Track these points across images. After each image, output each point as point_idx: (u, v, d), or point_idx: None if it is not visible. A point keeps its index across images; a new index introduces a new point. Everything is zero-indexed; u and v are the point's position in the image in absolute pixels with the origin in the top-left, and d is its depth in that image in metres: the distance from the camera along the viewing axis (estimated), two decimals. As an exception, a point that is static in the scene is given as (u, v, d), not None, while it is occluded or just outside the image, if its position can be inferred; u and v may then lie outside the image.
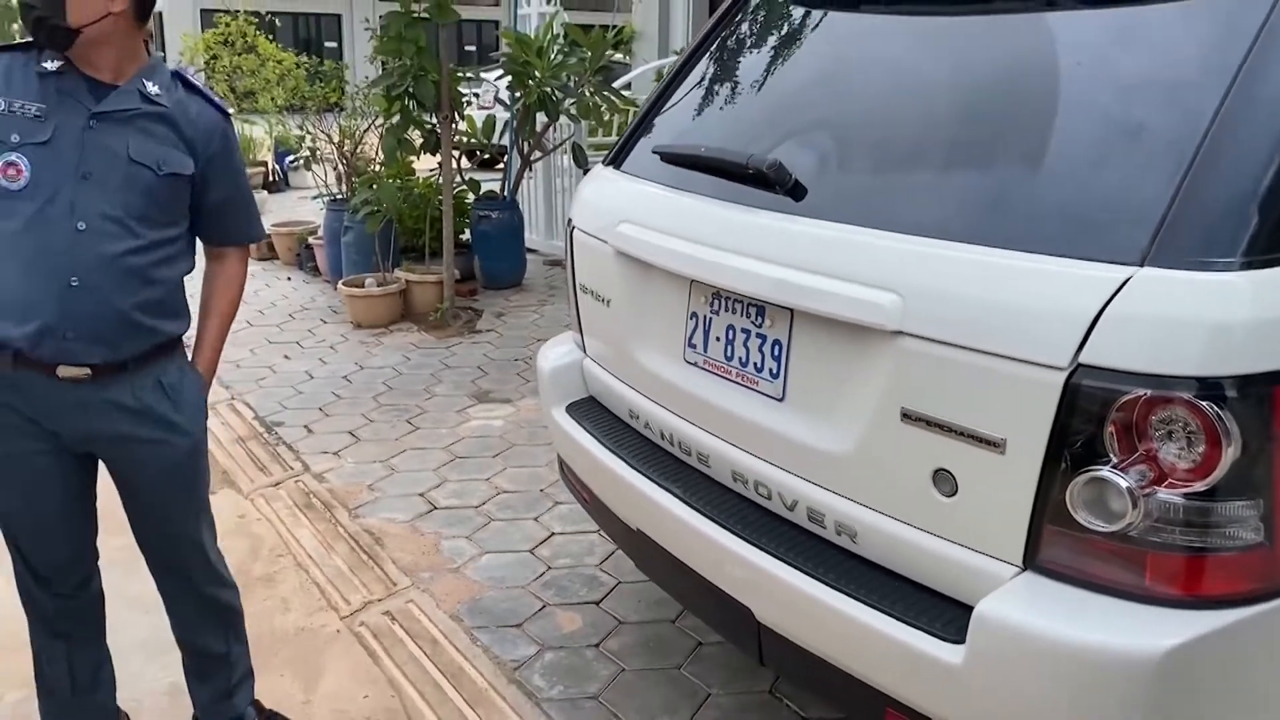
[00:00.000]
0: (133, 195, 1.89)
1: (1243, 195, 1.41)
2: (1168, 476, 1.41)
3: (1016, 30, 1.81)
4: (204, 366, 2.14)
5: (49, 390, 1.90)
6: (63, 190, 1.85)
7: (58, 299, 1.84)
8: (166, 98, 1.95)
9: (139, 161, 1.89)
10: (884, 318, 1.62)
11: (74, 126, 1.87)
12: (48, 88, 1.88)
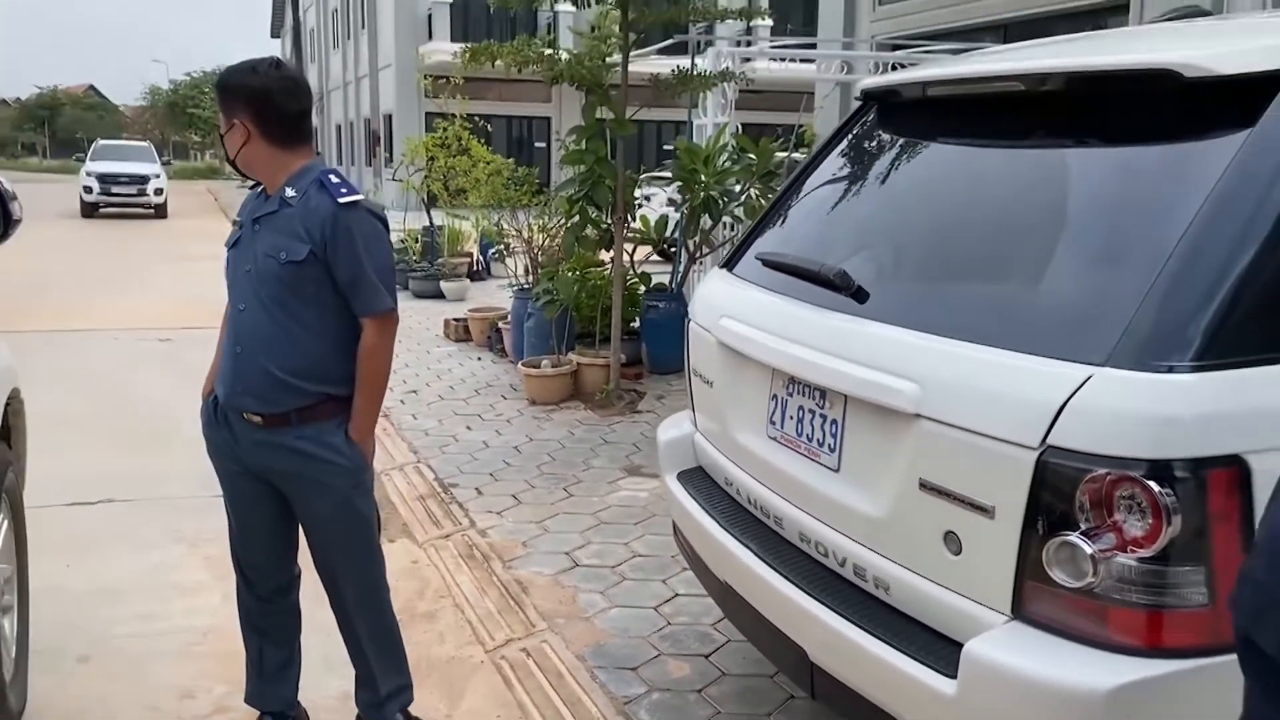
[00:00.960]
0: (268, 281, 2.43)
1: (1194, 311, 1.69)
2: (1126, 543, 1.68)
3: (1028, 163, 2.15)
4: (353, 429, 2.52)
5: (242, 428, 2.51)
6: (237, 281, 2.48)
7: (232, 363, 2.47)
8: (298, 198, 2.44)
9: (269, 255, 2.43)
10: (906, 402, 1.96)
11: (248, 231, 2.49)
12: (249, 203, 2.53)
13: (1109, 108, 2.05)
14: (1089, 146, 2.10)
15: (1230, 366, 1.66)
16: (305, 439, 2.49)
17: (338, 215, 2.42)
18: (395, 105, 28.67)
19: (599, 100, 6.04)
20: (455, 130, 12.08)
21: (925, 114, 2.59)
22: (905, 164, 2.58)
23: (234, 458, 2.57)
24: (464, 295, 10.95)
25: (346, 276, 2.45)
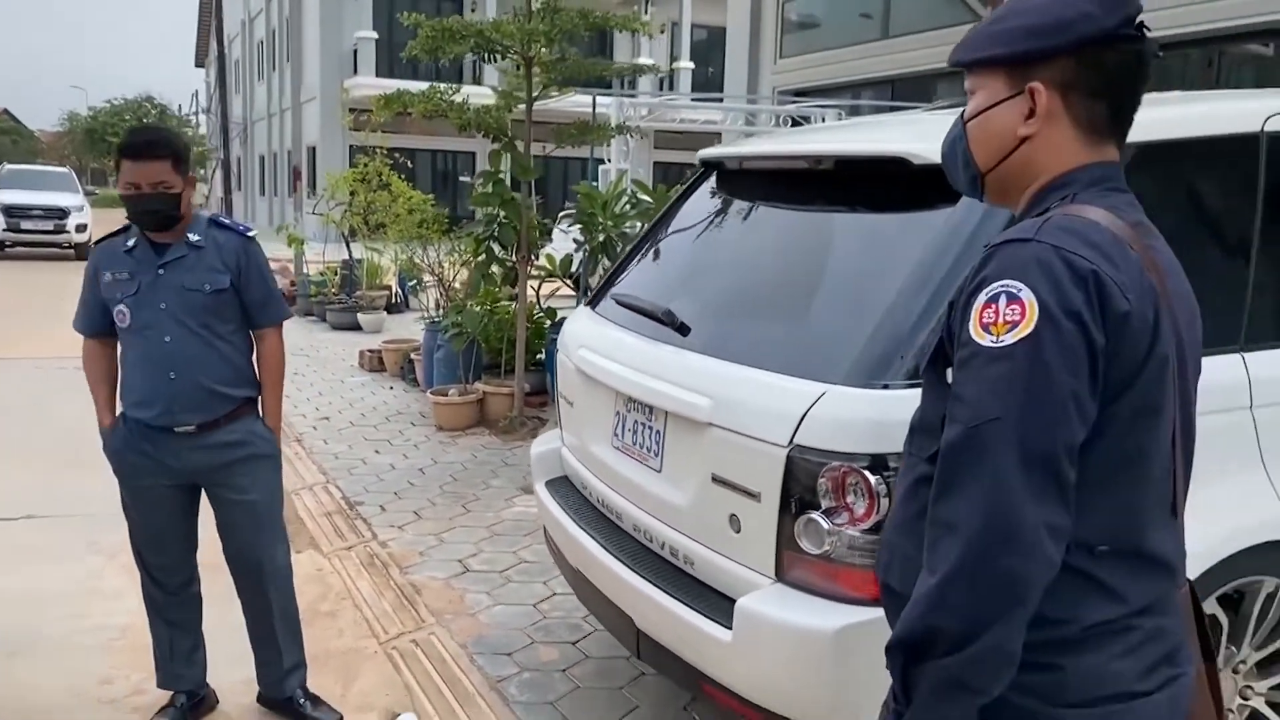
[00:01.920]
0: (195, 312, 2.90)
1: (903, 343, 2.23)
2: (854, 519, 2.21)
3: (805, 224, 2.71)
4: (269, 418, 3.10)
5: (172, 441, 2.95)
6: (153, 321, 2.89)
7: (167, 387, 2.89)
8: (203, 240, 2.94)
9: (191, 289, 2.90)
10: (702, 414, 2.48)
11: (149, 279, 2.89)
12: (124, 257, 2.93)
13: (862, 184, 2.61)
14: (848, 213, 2.67)
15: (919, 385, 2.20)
16: (235, 433, 2.99)
17: (246, 246, 2.99)
18: (319, 138, 28.90)
19: (504, 148, 6.55)
20: (376, 165, 12.45)
21: (744, 180, 3.14)
22: (726, 221, 3.13)
23: (157, 471, 2.99)
24: (381, 327, 11.32)
25: (259, 295, 3.00)
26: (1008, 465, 1.22)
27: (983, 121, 1.44)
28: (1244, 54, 7.17)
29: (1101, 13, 1.35)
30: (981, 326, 1.26)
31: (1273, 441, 2.45)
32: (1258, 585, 2.52)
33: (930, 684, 1.26)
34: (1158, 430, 1.33)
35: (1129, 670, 1.33)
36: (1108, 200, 1.37)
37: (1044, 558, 1.23)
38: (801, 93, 11.97)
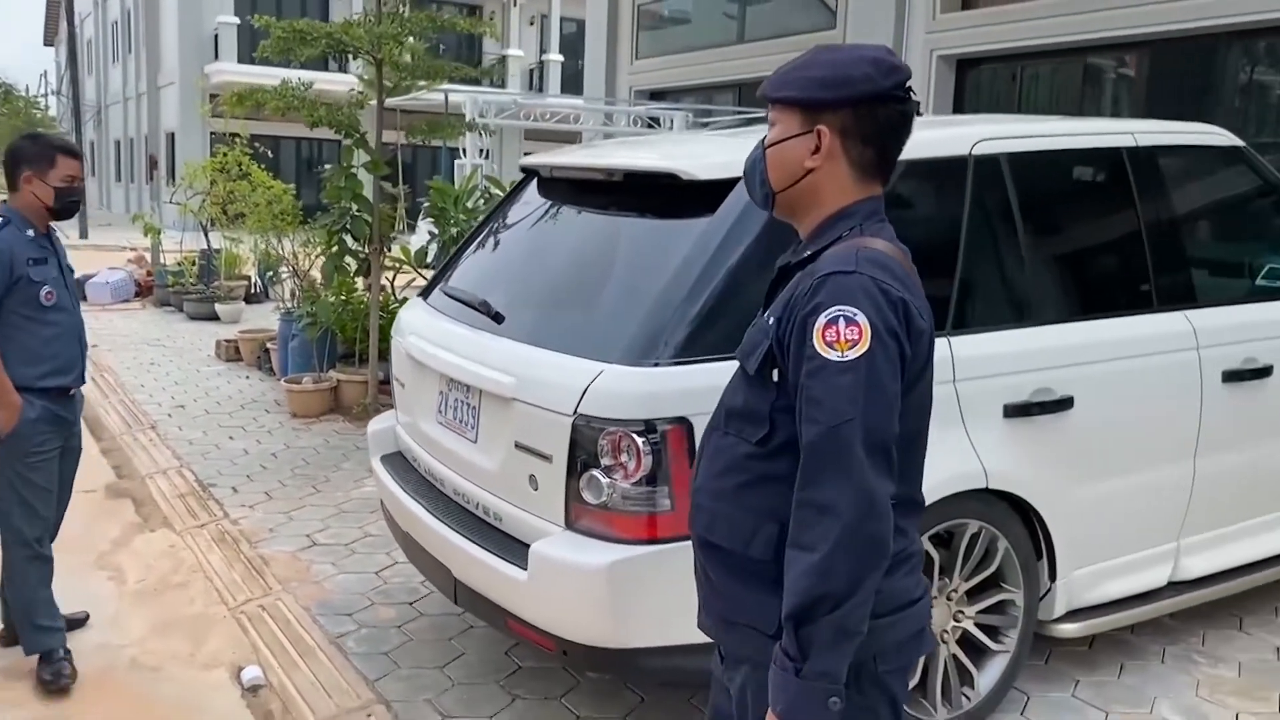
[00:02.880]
0: (72, 288, 3.54)
1: (666, 330, 2.69)
2: (626, 474, 2.65)
3: (600, 227, 3.16)
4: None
5: (72, 402, 3.53)
6: (66, 295, 3.47)
7: (80, 352, 3.50)
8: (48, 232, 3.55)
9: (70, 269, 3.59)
10: (508, 391, 2.90)
11: (54, 260, 3.44)
12: (26, 243, 3.39)
13: (643, 194, 3.07)
14: (632, 218, 3.12)
15: (684, 363, 2.66)
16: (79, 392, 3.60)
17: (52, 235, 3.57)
18: (179, 124, 28.14)
19: (355, 144, 6.81)
20: (235, 155, 12.39)
21: (556, 187, 3.56)
22: (540, 222, 3.54)
23: (60, 433, 3.53)
24: (239, 318, 11.35)
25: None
26: (861, 455, 1.57)
27: (778, 150, 1.76)
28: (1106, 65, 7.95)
29: (879, 76, 1.69)
30: (826, 344, 1.59)
31: (970, 409, 3.01)
32: (963, 527, 3.08)
33: (825, 637, 1.57)
34: (927, 412, 1.79)
35: (911, 585, 1.76)
36: (883, 232, 1.74)
37: (891, 519, 1.60)
38: (657, 94, 12.49)
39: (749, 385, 1.77)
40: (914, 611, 1.76)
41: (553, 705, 3.34)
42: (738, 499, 1.76)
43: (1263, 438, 3.69)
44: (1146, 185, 3.45)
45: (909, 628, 1.75)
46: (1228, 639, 3.80)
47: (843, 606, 1.56)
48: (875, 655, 1.70)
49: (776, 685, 1.63)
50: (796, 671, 1.59)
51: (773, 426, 1.71)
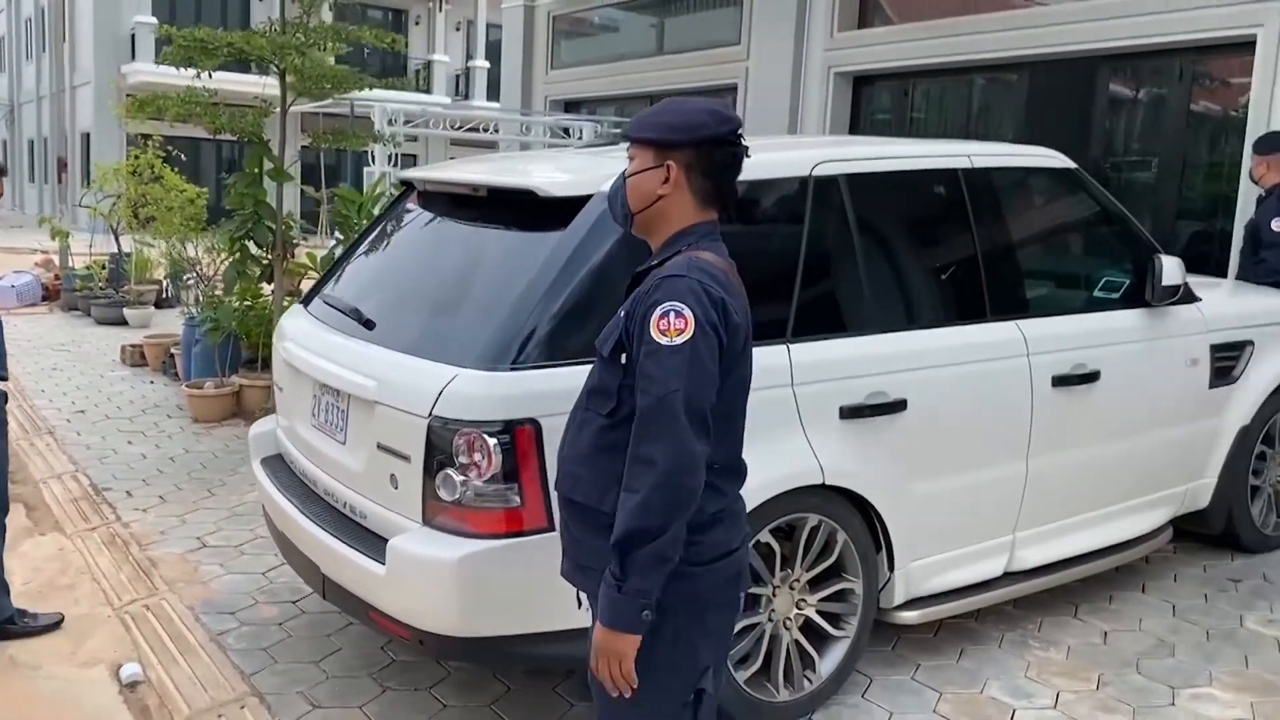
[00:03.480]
0: None
1: (516, 337, 2.87)
2: (479, 473, 2.83)
3: (466, 238, 3.34)
4: None
5: None
6: None
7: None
8: None
9: None
10: (371, 394, 3.05)
11: None
12: None
13: (506, 209, 3.25)
14: (495, 231, 3.30)
15: (533, 368, 2.85)
16: None
17: None
18: (94, 125, 27.56)
19: (258, 151, 6.88)
20: (148, 158, 12.27)
21: (431, 200, 3.71)
22: (416, 233, 3.71)
23: None
24: (148, 322, 11.26)
25: None
26: (683, 420, 1.96)
27: (636, 180, 2.18)
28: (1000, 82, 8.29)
29: (716, 124, 2.13)
30: (659, 331, 1.98)
31: (808, 411, 3.24)
32: (803, 520, 3.30)
33: (642, 561, 1.96)
34: (743, 394, 2.18)
35: (731, 537, 2.15)
36: (715, 247, 2.17)
37: (702, 474, 2.00)
38: (573, 103, 12.66)
39: (603, 367, 2.17)
40: (732, 559, 2.16)
41: (421, 695, 3.50)
42: (593, 463, 2.15)
43: (1093, 438, 3.99)
44: (980, 204, 3.73)
45: (728, 572, 2.15)
46: (1062, 625, 4.09)
47: (657, 539, 1.95)
48: (699, 594, 2.11)
49: (603, 600, 2.02)
50: (618, 588, 1.99)
51: (619, 401, 2.10)
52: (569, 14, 12.36)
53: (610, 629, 2.02)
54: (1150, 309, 4.14)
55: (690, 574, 2.07)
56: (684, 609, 2.09)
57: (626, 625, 2.00)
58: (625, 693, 2.06)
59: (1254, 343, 4.56)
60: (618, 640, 2.02)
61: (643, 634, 2.02)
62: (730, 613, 2.24)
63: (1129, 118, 7.48)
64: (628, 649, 2.02)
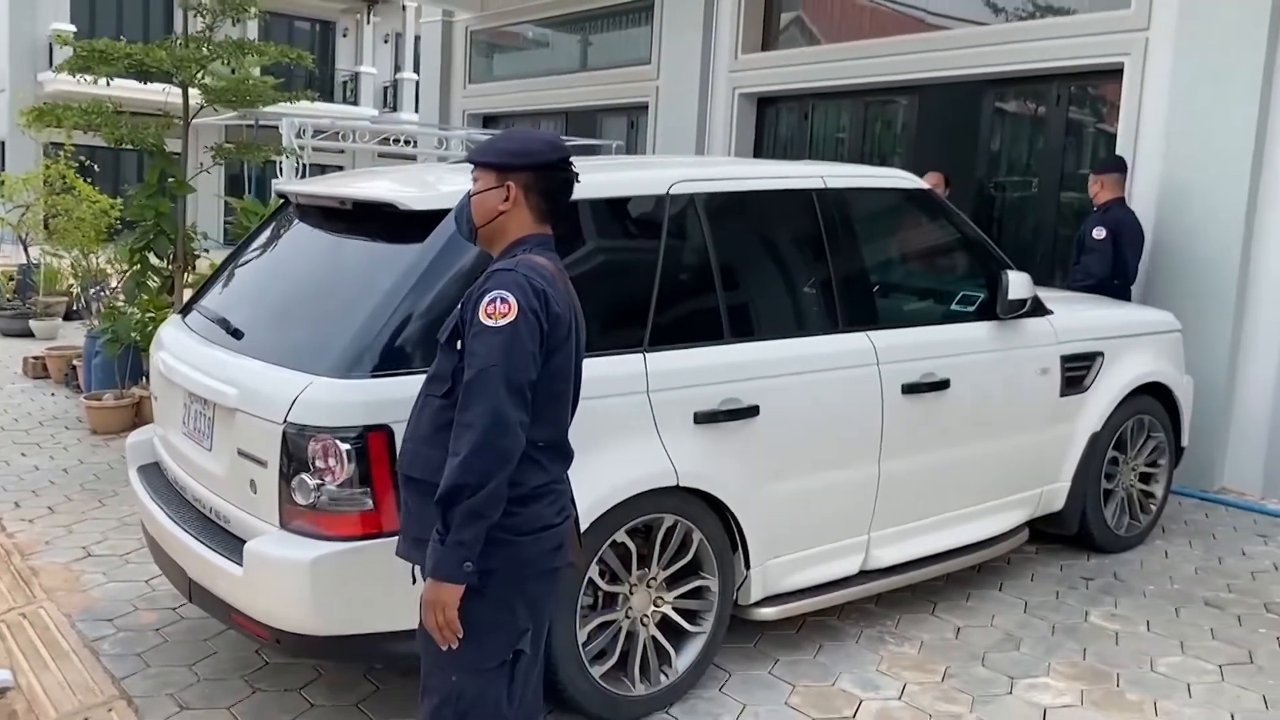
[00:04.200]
0: None
1: (370, 346, 2.99)
2: (332, 477, 2.93)
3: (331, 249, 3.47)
4: None
5: None
6: None
7: None
8: None
9: None
10: (232, 402, 3.14)
11: None
12: None
13: (370, 221, 3.37)
14: (361, 243, 3.42)
15: (386, 376, 2.97)
16: None
17: None
18: (8, 133, 26.93)
19: (160, 163, 6.89)
20: (59, 168, 12.10)
21: (306, 212, 3.81)
22: (289, 244, 3.80)
23: None
24: (55, 334, 11.11)
25: None
26: (501, 390, 2.21)
27: (480, 198, 2.47)
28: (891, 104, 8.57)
29: (549, 152, 2.46)
30: (486, 315, 2.25)
31: (663, 416, 3.40)
32: (660, 520, 3.46)
33: (461, 516, 2.19)
34: (569, 377, 2.43)
35: (550, 512, 2.39)
36: (547, 254, 2.47)
37: (519, 439, 2.24)
38: (490, 118, 12.77)
39: (442, 354, 2.43)
40: (552, 532, 2.40)
41: (291, 696, 3.58)
42: (431, 441, 2.38)
43: (944, 443, 4.21)
44: (832, 222, 3.93)
45: (548, 544, 2.39)
46: (919, 622, 4.30)
47: (477, 495, 2.19)
48: (520, 562, 2.35)
49: (429, 554, 2.26)
50: (442, 541, 2.22)
51: (454, 384, 2.34)
52: (487, 30, 12.48)
53: (435, 579, 2.25)
54: (1001, 322, 4.38)
55: (513, 543, 2.32)
56: (507, 575, 2.33)
57: (449, 575, 2.23)
58: (452, 643, 2.29)
59: (1104, 354, 4.84)
60: (442, 590, 2.25)
61: (465, 584, 2.25)
62: (550, 582, 2.46)
63: (1012, 138, 7.82)
64: (451, 598, 2.25)
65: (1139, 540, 5.24)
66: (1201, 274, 6.13)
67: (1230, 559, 5.15)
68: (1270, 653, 4.09)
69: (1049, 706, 3.63)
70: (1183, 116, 6.25)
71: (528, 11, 11.59)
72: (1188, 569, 4.99)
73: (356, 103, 30.59)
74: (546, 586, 2.45)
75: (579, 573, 3.24)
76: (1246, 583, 4.83)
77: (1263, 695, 3.74)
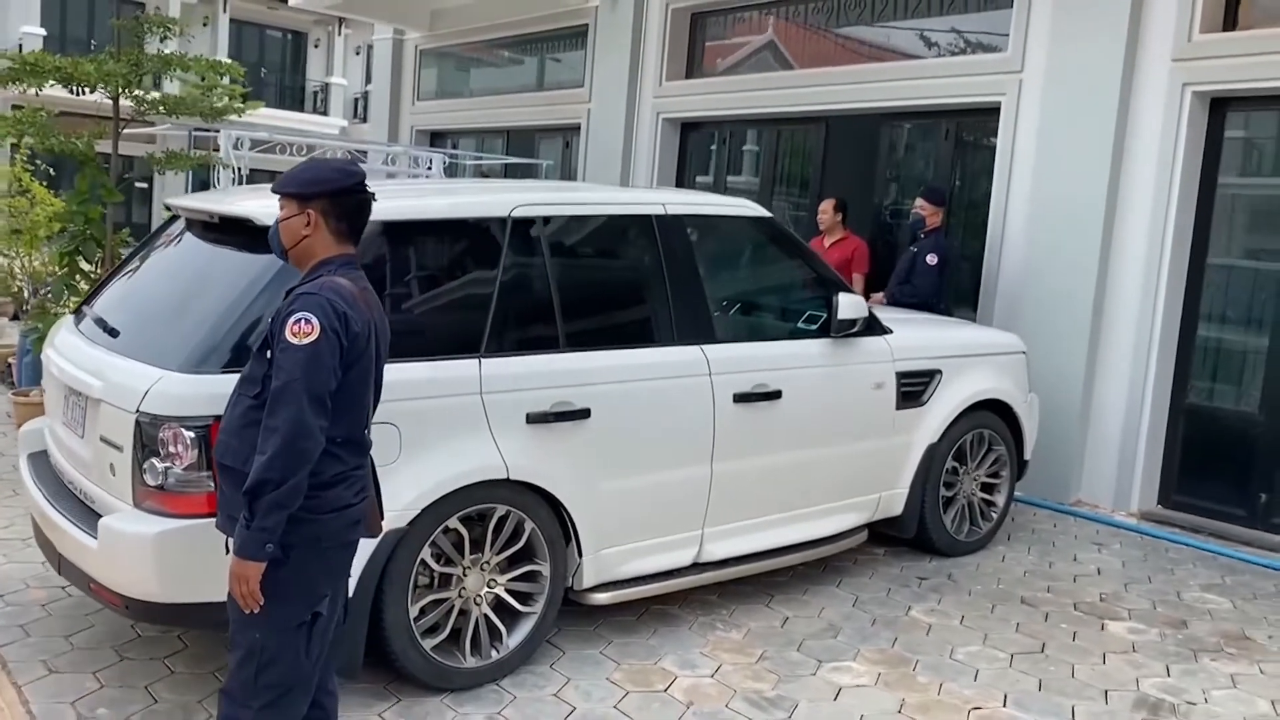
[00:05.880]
0: None
1: (219, 346, 3.36)
2: (180, 462, 3.29)
3: (203, 257, 3.83)
4: None
5: None
6: None
7: None
8: None
9: None
10: (96, 393, 3.50)
11: None
12: None
13: (234, 233, 3.73)
14: (225, 252, 3.78)
15: (228, 372, 3.29)
16: None
17: None
18: (-25, 134, 27.09)
19: (91, 172, 7.24)
20: (14, 170, 12.33)
21: (189, 224, 4.17)
22: (168, 252, 4.15)
23: None
24: (1, 333, 11.37)
25: None
26: (303, 399, 2.55)
27: (286, 225, 2.82)
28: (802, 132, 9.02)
29: (342, 178, 2.80)
30: (292, 334, 2.58)
31: (495, 416, 3.77)
32: (492, 509, 3.83)
33: (264, 506, 2.53)
34: (367, 384, 2.78)
35: (349, 494, 2.74)
36: (350, 274, 2.78)
37: (318, 442, 2.58)
38: (438, 134, 13.16)
39: (255, 359, 2.77)
40: (350, 512, 2.76)
41: (155, 664, 3.92)
42: (241, 435, 2.71)
43: (776, 448, 4.61)
44: (671, 245, 4.33)
45: (345, 521, 2.76)
46: (752, 612, 4.69)
47: (279, 490, 2.53)
48: (320, 537, 2.70)
49: (236, 536, 2.60)
50: (247, 526, 2.57)
51: (263, 387, 2.67)
52: (434, 49, 12.88)
53: (239, 557, 2.60)
54: (834, 339, 4.79)
55: (313, 520, 2.67)
56: (306, 547, 2.68)
57: (251, 554, 2.58)
58: (253, 609, 2.65)
59: (942, 372, 5.27)
60: (245, 567, 2.59)
61: (265, 563, 2.59)
62: (347, 553, 2.84)
63: (907, 167, 8.28)
64: (253, 573, 2.60)
65: (980, 545, 5.65)
66: (1061, 302, 6.59)
67: (1061, 564, 5.58)
68: (1061, 645, 4.50)
69: (845, 686, 4.03)
70: (1047, 155, 6.72)
71: (473, 32, 11.99)
72: (1018, 571, 5.41)
73: (326, 112, 30.95)
74: (344, 556, 2.83)
75: (411, 553, 3.61)
76: (1067, 584, 5.26)
77: (1039, 679, 4.15)
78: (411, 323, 3.70)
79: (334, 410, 2.63)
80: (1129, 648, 4.52)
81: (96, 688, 3.73)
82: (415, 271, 3.85)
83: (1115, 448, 6.54)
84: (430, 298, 3.88)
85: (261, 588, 2.61)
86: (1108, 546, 5.91)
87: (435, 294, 3.89)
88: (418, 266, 3.84)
